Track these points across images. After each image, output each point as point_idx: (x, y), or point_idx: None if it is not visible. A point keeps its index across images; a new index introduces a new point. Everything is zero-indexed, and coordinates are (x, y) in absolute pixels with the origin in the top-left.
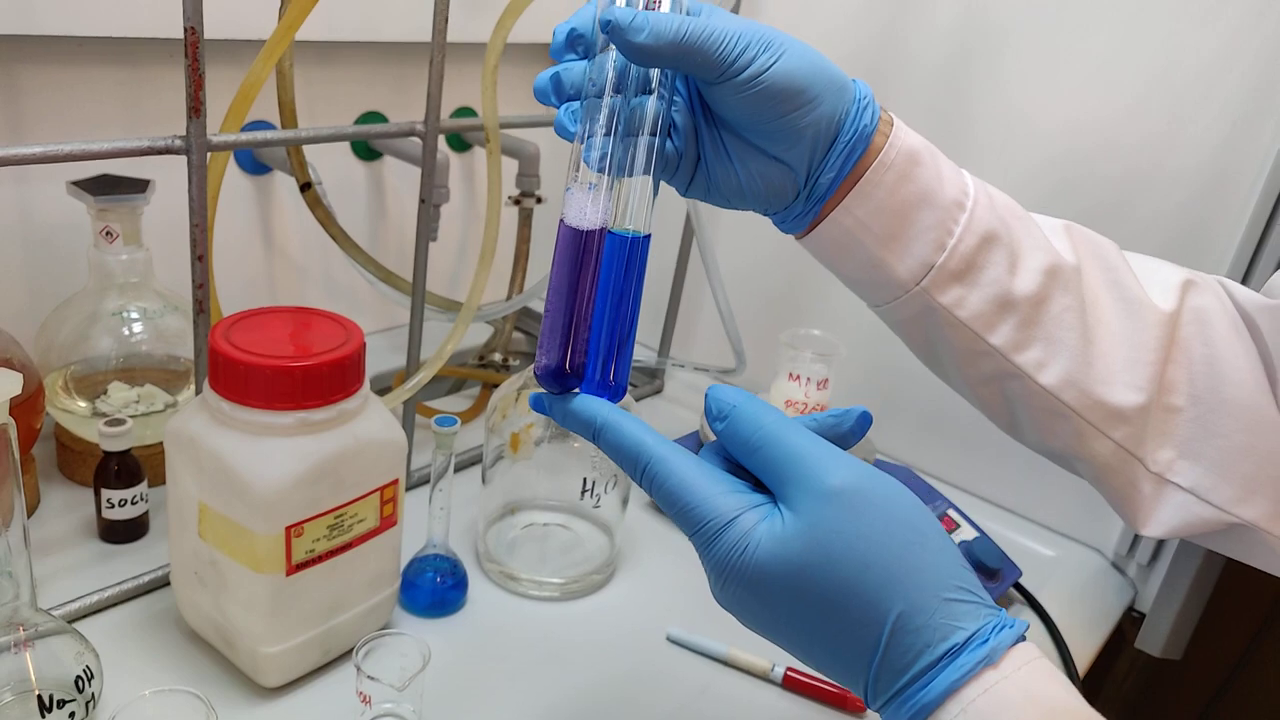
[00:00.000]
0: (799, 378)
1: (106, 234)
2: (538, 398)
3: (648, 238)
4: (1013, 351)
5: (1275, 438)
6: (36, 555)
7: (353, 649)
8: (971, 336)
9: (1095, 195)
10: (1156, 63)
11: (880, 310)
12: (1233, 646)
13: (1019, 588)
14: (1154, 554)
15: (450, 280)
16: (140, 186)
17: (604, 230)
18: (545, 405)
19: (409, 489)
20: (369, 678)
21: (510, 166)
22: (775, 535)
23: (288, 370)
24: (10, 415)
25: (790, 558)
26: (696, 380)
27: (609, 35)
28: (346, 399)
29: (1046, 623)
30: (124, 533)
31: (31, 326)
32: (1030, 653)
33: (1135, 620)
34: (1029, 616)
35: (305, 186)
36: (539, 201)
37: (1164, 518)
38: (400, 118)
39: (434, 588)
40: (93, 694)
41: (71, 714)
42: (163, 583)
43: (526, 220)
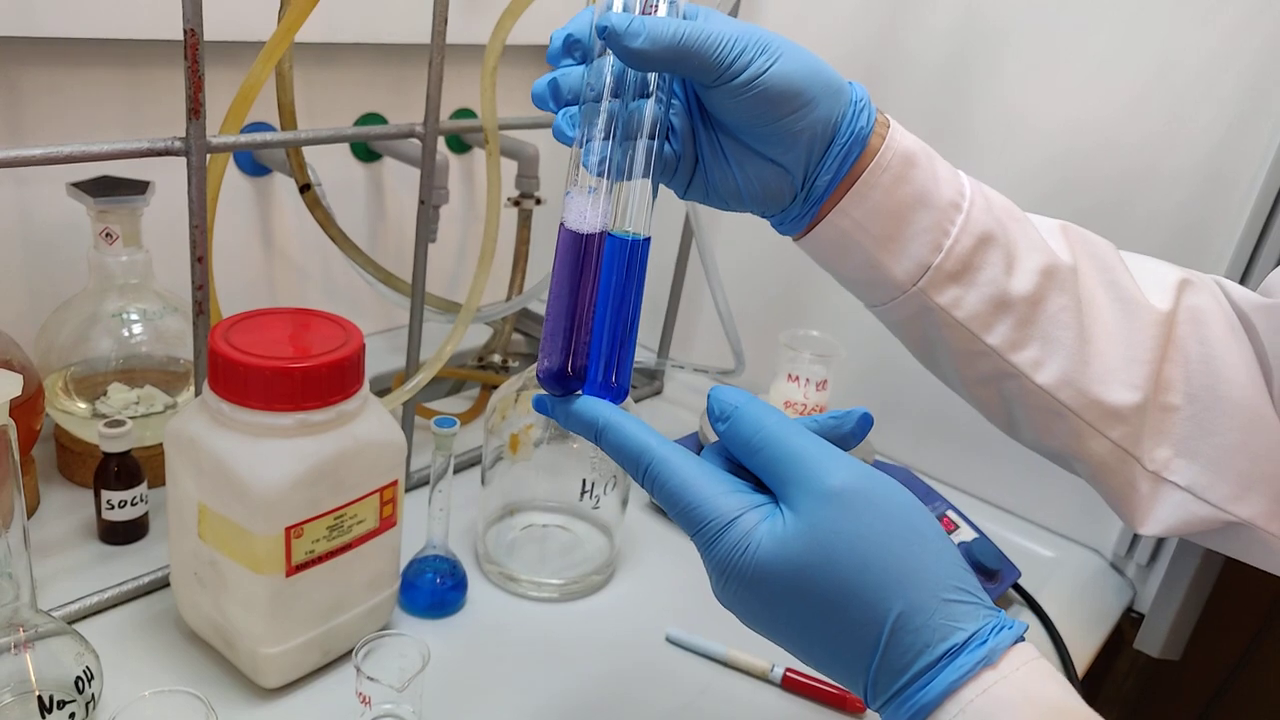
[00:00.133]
0: (798, 379)
1: (106, 235)
2: (540, 399)
3: (648, 240)
4: (1009, 351)
5: (1271, 436)
6: (36, 556)
7: (352, 650)
8: (968, 336)
9: (1094, 195)
10: (1155, 62)
11: (877, 311)
12: (1232, 647)
13: (1018, 588)
14: (1153, 555)
15: (450, 281)
16: (140, 188)
17: (604, 233)
18: (548, 407)
19: (408, 490)
20: (369, 678)
21: (509, 168)
22: (776, 535)
23: (287, 371)
24: (10, 416)
25: (791, 558)
26: (696, 381)
27: (606, 41)
28: (346, 400)
29: (1046, 623)
30: (124, 534)
31: (31, 328)
32: (1029, 653)
33: (1134, 621)
34: (1028, 617)
35: (305, 188)
36: (538, 203)
37: (1161, 516)
38: (399, 119)
39: (433, 589)
40: (93, 695)
41: (71, 715)
42: (162, 584)
43: (526, 221)
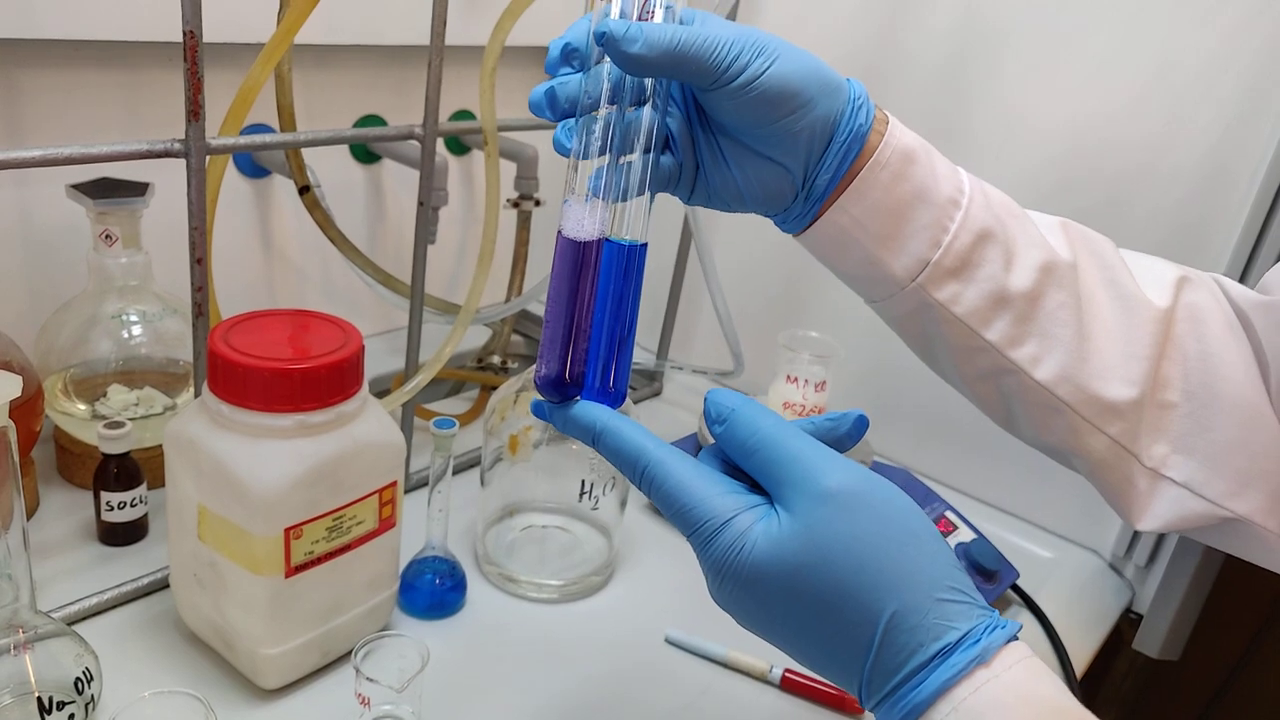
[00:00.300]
0: (797, 380)
1: (106, 237)
2: (538, 404)
3: (645, 246)
4: (1008, 347)
5: (1268, 432)
6: (36, 558)
7: (352, 651)
8: (967, 332)
9: (1094, 194)
10: (1155, 62)
11: (877, 306)
12: (1231, 647)
13: (1017, 589)
14: (1151, 555)
15: (449, 283)
16: (139, 190)
17: (601, 240)
18: (546, 412)
19: (408, 491)
20: (368, 679)
21: (508, 169)
22: (771, 536)
23: (286, 373)
24: (10, 418)
25: (786, 558)
26: (695, 382)
27: (604, 47)
28: (345, 401)
29: (1044, 624)
30: (123, 535)
31: (31, 329)
32: (1021, 652)
33: (1133, 621)
34: (1027, 618)
35: (304, 189)
36: (537, 204)
37: (1158, 512)
38: (399, 121)
39: (433, 589)
40: (92, 696)
41: (71, 716)
42: (162, 585)
43: (525, 223)
